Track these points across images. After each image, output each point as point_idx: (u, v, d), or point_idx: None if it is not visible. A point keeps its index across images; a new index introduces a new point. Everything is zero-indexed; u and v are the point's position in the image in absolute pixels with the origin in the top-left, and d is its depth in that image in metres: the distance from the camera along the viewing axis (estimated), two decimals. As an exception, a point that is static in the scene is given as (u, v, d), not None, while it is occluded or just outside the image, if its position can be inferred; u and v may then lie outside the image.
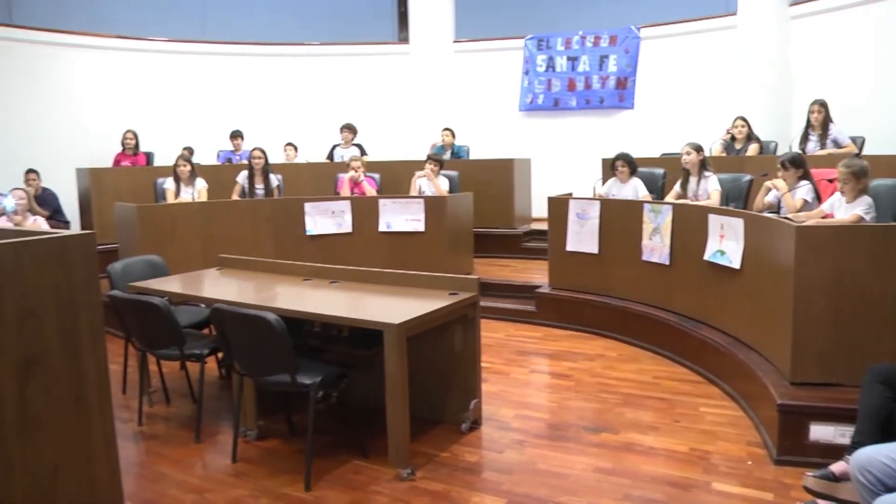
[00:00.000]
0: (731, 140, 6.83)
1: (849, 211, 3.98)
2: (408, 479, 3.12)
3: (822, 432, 3.13)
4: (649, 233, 5.13)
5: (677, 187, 5.50)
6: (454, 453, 3.40)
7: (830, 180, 4.76)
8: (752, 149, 6.63)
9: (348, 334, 3.53)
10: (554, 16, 9.71)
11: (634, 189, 5.81)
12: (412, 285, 3.84)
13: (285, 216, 6.50)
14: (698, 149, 5.37)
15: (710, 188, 5.26)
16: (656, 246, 5.07)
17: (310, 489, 3.06)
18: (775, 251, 3.68)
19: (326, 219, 6.56)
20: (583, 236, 5.66)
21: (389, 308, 3.45)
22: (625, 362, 4.78)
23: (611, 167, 6.00)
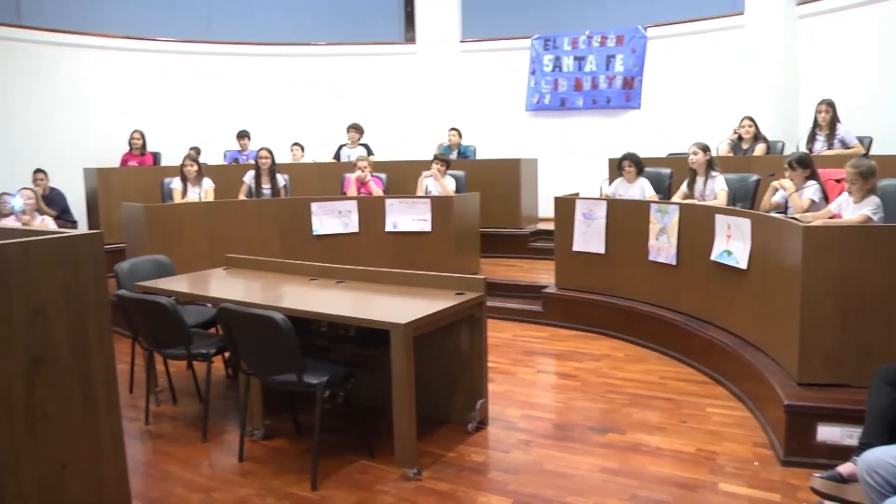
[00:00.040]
0: (738, 140, 6.81)
1: (856, 211, 3.95)
2: (414, 479, 3.12)
3: (830, 433, 3.12)
4: (656, 233, 5.12)
5: (684, 187, 5.48)
6: (460, 453, 3.40)
7: (838, 180, 4.74)
8: (760, 149, 6.61)
9: (355, 334, 3.54)
10: (561, 16, 9.68)
11: (641, 189, 5.79)
12: (419, 285, 3.83)
13: (292, 216, 6.51)
14: (705, 149, 5.35)
15: (716, 188, 5.24)
16: (663, 246, 5.06)
17: (316, 488, 3.07)
18: (782, 251, 3.67)
19: (333, 219, 6.57)
20: (589, 236, 5.65)
21: (396, 308, 3.45)
22: (631, 363, 4.77)
23: (617, 167, 5.99)
